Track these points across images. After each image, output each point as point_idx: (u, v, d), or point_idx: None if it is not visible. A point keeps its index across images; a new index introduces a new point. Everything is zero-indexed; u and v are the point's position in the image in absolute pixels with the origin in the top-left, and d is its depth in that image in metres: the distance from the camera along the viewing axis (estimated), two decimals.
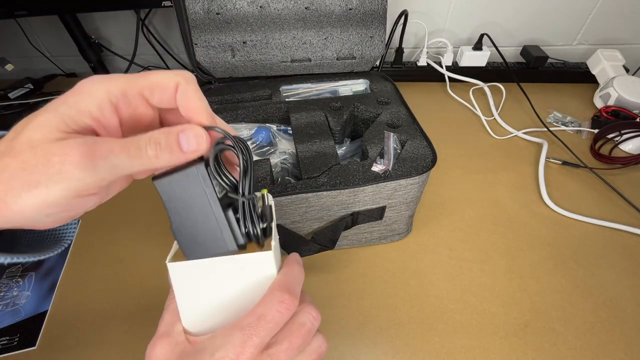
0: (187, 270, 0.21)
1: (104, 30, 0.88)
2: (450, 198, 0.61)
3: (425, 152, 0.47)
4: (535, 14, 0.83)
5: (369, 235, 0.52)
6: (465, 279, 0.50)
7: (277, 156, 0.52)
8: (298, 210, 0.45)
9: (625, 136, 0.69)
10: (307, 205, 0.44)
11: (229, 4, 0.57)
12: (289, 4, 0.58)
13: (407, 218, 0.51)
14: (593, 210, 0.58)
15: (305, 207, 0.45)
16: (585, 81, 0.84)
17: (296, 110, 0.54)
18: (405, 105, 0.55)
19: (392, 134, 0.49)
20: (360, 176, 0.44)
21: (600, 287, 0.49)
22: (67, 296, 0.48)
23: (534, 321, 0.46)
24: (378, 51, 0.62)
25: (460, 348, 0.43)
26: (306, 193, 0.42)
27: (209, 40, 0.59)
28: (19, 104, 0.80)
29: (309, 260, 0.51)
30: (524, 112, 0.78)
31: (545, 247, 0.54)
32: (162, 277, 0.50)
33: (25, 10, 0.66)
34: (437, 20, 0.85)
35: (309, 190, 0.42)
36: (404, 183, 0.44)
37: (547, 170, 0.65)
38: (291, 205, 0.44)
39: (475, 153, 0.69)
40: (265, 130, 0.53)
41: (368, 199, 0.45)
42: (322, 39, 0.61)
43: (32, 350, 0.44)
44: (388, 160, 0.47)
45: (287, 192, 0.42)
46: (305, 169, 0.46)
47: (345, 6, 0.59)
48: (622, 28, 0.85)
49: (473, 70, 0.84)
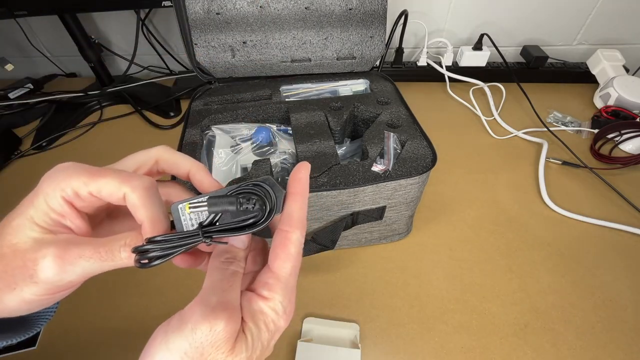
0: None
1: (104, 30, 0.88)
2: (450, 198, 0.61)
3: (425, 152, 0.47)
4: (535, 14, 0.83)
5: (369, 235, 0.52)
6: (465, 279, 0.50)
7: (277, 156, 0.52)
8: None
9: (625, 136, 0.69)
10: (307, 205, 0.44)
11: (229, 4, 0.57)
12: (289, 4, 0.58)
13: (407, 218, 0.51)
14: (593, 210, 0.58)
15: None
16: (585, 81, 0.84)
17: (296, 110, 0.54)
18: (405, 105, 0.55)
19: (392, 134, 0.49)
20: (360, 176, 0.44)
21: (600, 287, 0.49)
22: (67, 296, 0.48)
23: (534, 321, 0.46)
24: (378, 51, 0.62)
25: (460, 348, 0.43)
26: None
27: (209, 40, 0.59)
28: (19, 104, 0.80)
29: (309, 260, 0.51)
30: (524, 112, 0.78)
31: (545, 247, 0.54)
32: (161, 278, 0.50)
33: (25, 10, 0.66)
34: (437, 20, 0.85)
35: (309, 190, 0.42)
36: (404, 183, 0.44)
37: (547, 170, 0.65)
38: None
39: (475, 153, 0.69)
40: (265, 130, 0.53)
41: (368, 199, 0.45)
42: (322, 39, 0.61)
43: (32, 350, 0.44)
44: (388, 160, 0.47)
45: None
46: None
47: (345, 6, 0.59)
48: (622, 28, 0.85)
49: (473, 70, 0.84)
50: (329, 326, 0.45)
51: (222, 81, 0.62)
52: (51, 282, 0.19)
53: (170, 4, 0.68)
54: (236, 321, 0.19)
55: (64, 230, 0.21)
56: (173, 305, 0.47)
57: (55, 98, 0.81)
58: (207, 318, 0.18)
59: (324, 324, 0.45)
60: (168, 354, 0.18)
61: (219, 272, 0.21)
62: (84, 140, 0.75)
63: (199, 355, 0.18)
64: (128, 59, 0.84)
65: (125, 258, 0.20)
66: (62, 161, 0.21)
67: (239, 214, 0.20)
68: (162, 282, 0.50)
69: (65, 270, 0.19)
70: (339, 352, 0.42)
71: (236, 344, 0.19)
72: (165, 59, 0.92)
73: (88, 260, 0.19)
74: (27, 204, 0.20)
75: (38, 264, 0.19)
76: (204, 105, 0.56)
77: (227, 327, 0.18)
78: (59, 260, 0.19)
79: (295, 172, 0.22)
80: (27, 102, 0.81)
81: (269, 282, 0.21)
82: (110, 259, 0.20)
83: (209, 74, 0.61)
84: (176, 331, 0.18)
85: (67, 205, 0.20)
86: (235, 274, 0.21)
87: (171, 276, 0.50)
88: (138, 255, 0.19)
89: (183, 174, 0.24)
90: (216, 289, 0.20)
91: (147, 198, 0.20)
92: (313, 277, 0.50)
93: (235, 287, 0.20)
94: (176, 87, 0.87)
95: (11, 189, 0.64)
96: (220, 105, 0.57)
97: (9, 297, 0.19)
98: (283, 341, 0.44)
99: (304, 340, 0.43)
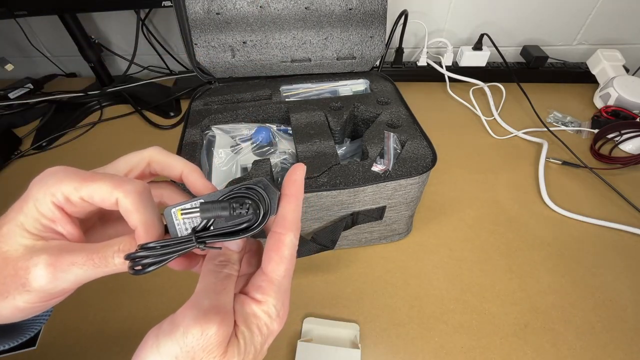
0: None
1: (104, 30, 0.88)
2: (450, 198, 0.61)
3: (425, 152, 0.47)
4: (535, 14, 0.83)
5: (369, 235, 0.52)
6: (465, 279, 0.50)
7: (277, 156, 0.52)
8: None
9: (625, 136, 0.69)
10: (307, 205, 0.44)
11: (229, 4, 0.57)
12: (289, 4, 0.58)
13: (407, 218, 0.51)
14: (593, 210, 0.58)
15: (305, 207, 0.45)
16: (585, 81, 0.84)
17: (296, 110, 0.54)
18: (405, 105, 0.55)
19: (392, 134, 0.49)
20: (360, 176, 0.44)
21: (600, 287, 0.49)
22: (68, 296, 0.48)
23: (534, 321, 0.46)
24: (378, 51, 0.62)
25: (460, 348, 0.43)
26: (306, 193, 0.43)
27: (209, 40, 0.59)
28: (19, 104, 0.80)
29: (308, 260, 0.51)
30: (524, 112, 0.78)
31: (545, 247, 0.54)
32: (161, 277, 0.50)
33: (25, 10, 0.66)
34: (437, 20, 0.85)
35: (309, 190, 0.42)
36: (404, 183, 0.44)
37: (547, 170, 0.65)
38: None
39: (475, 153, 0.69)
40: (265, 130, 0.53)
41: (368, 199, 0.45)
42: (322, 39, 0.61)
43: (32, 350, 0.44)
44: (388, 160, 0.47)
45: None
46: None
47: (345, 6, 0.59)
48: (622, 28, 0.85)
49: (473, 70, 0.84)
50: (329, 326, 0.45)
51: (222, 81, 0.62)
52: (44, 290, 0.19)
53: (170, 4, 0.68)
54: (229, 325, 0.18)
55: (56, 236, 0.20)
56: (173, 305, 0.47)
57: (55, 98, 0.81)
58: (199, 322, 0.18)
59: (324, 324, 0.45)
60: (159, 357, 0.18)
61: (213, 275, 0.20)
62: (84, 140, 0.75)
63: (190, 359, 0.17)
64: (128, 59, 0.84)
65: (119, 264, 0.20)
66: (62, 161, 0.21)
67: (232, 218, 0.20)
68: (162, 282, 0.50)
69: (58, 277, 0.19)
70: (339, 352, 0.42)
71: (228, 348, 0.18)
72: (165, 59, 0.92)
73: (81, 267, 0.19)
74: (16, 210, 0.20)
75: (30, 273, 0.19)
76: (204, 105, 0.56)
77: (219, 331, 0.18)
78: (51, 268, 0.19)
79: (290, 173, 0.22)
80: (27, 102, 0.81)
81: (262, 285, 0.20)
82: (104, 265, 0.19)
83: (209, 74, 0.61)
84: (167, 335, 0.18)
85: (58, 211, 0.20)
86: (228, 277, 0.21)
87: (171, 276, 0.50)
88: (131, 262, 0.19)
89: (176, 176, 0.24)
90: (209, 292, 0.19)
91: (140, 203, 0.20)
92: (313, 277, 0.50)
93: (229, 290, 0.20)
94: (176, 87, 0.87)
95: (11, 189, 0.64)
96: (220, 105, 0.57)
97: (2, 305, 0.19)
98: (283, 341, 0.44)
99: (304, 340, 0.43)
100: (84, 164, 0.21)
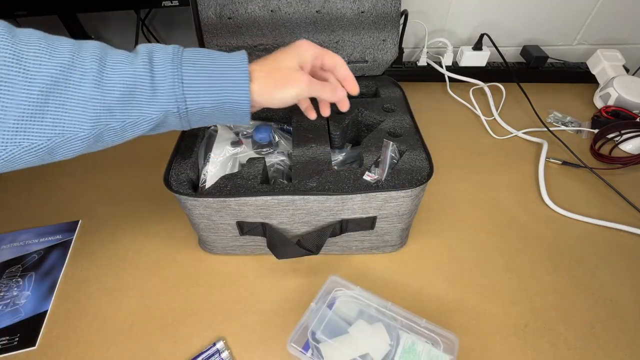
0: None
1: (104, 30, 0.88)
2: (450, 198, 0.61)
3: (423, 165, 0.46)
4: (535, 14, 0.83)
5: (360, 244, 0.51)
6: (465, 279, 0.50)
7: (275, 156, 0.52)
8: (285, 212, 0.44)
9: (625, 136, 0.69)
10: (294, 208, 0.44)
11: (241, 9, 0.56)
12: (300, 8, 0.57)
13: (400, 231, 0.49)
14: (593, 210, 0.58)
15: (292, 209, 0.44)
16: (585, 81, 0.84)
17: (299, 112, 0.54)
18: (410, 114, 0.54)
19: (391, 143, 0.48)
20: (350, 184, 0.43)
21: (600, 287, 0.49)
22: (67, 296, 0.48)
23: (534, 321, 0.46)
24: (390, 55, 0.61)
25: (460, 348, 0.43)
26: (293, 195, 0.42)
27: (220, 45, 0.59)
28: None
29: (300, 262, 0.51)
30: (524, 112, 0.78)
31: (545, 247, 0.54)
32: (161, 277, 0.50)
33: (25, 10, 0.66)
34: (437, 20, 0.85)
35: (296, 192, 0.42)
36: (394, 195, 0.43)
37: (547, 170, 0.65)
38: (278, 207, 0.44)
39: (475, 153, 0.69)
40: (265, 128, 0.53)
41: (357, 208, 0.44)
42: (334, 42, 0.60)
43: (32, 350, 0.44)
44: (382, 169, 0.46)
45: (274, 192, 0.42)
46: (296, 173, 0.46)
47: (357, 9, 0.58)
48: (622, 28, 0.85)
49: (473, 70, 0.84)
50: None
51: None
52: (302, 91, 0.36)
53: (170, 3, 0.68)
54: None
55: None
56: (173, 305, 0.47)
57: None
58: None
59: None
60: None
61: None
62: None
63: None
64: None
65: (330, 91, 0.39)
66: None
67: None
68: (162, 282, 0.50)
69: (310, 87, 0.37)
70: None
71: None
72: None
73: (319, 89, 0.38)
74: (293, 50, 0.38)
75: (301, 78, 0.36)
76: None
77: None
78: (309, 83, 0.36)
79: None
80: None
81: None
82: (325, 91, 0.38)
83: None
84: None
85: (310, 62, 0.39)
86: None
87: (171, 276, 0.50)
88: None
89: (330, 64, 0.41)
90: None
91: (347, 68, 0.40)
92: (313, 277, 0.50)
93: None
94: None
95: (17, 184, 0.64)
96: None
97: (281, 93, 0.36)
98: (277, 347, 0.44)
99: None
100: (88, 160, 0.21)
